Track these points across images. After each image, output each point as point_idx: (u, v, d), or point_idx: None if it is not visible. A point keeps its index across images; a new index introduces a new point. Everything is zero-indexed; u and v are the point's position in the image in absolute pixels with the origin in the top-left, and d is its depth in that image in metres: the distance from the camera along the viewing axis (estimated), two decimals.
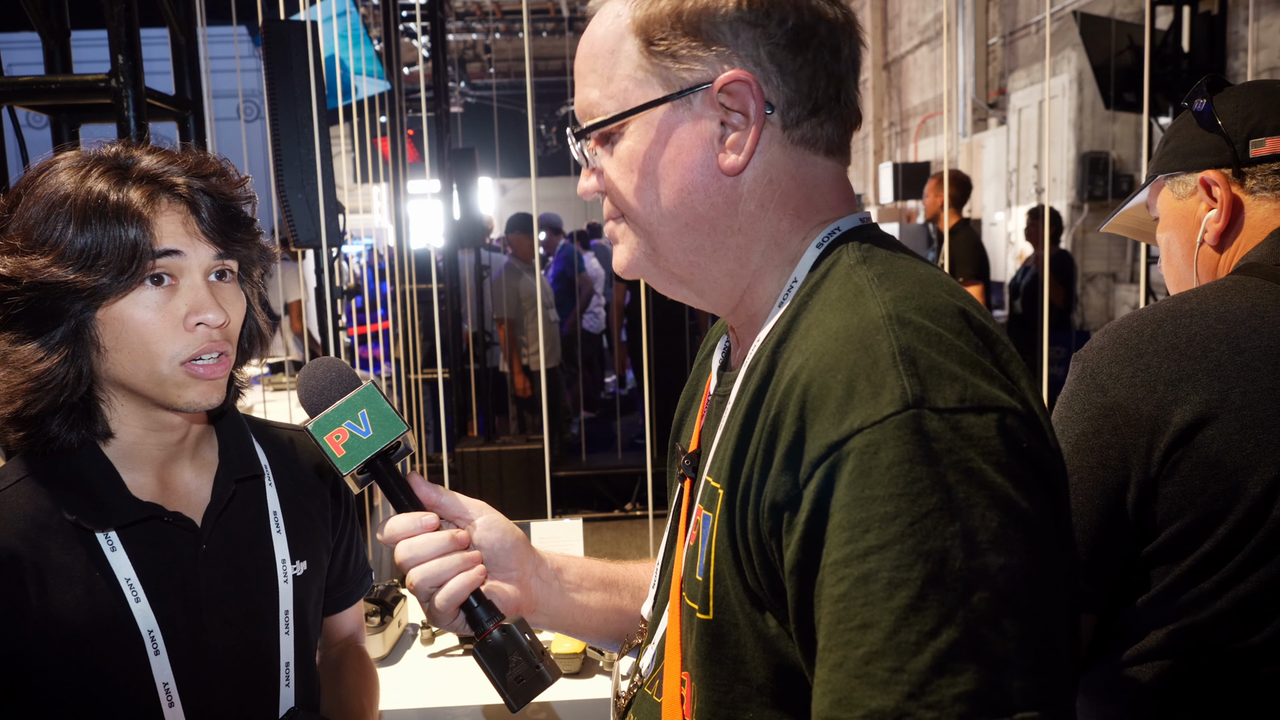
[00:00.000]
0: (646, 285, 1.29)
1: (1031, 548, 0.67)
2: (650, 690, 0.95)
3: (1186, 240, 1.33)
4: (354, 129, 4.96)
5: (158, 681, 1.12)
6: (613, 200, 0.91)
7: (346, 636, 1.46)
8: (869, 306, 0.76)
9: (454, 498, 1.03)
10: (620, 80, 0.86)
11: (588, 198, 0.95)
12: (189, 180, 1.11)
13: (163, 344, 1.08)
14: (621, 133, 0.87)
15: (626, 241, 0.91)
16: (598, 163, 0.91)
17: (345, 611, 1.44)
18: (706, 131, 0.85)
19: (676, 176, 0.85)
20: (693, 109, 0.85)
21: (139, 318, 1.07)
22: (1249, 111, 1.27)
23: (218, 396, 1.14)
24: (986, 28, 11.52)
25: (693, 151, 0.85)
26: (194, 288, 1.10)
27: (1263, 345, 1.11)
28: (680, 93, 0.84)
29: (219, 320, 1.10)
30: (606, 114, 0.87)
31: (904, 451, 0.67)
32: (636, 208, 0.88)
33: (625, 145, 0.87)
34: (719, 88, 0.83)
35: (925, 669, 0.63)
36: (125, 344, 1.08)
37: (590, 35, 0.90)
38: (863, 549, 0.66)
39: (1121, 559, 1.15)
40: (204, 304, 1.09)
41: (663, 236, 0.88)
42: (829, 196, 0.89)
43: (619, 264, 0.93)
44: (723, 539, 0.81)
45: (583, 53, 0.90)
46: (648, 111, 0.85)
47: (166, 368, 1.09)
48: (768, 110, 0.84)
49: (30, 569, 1.09)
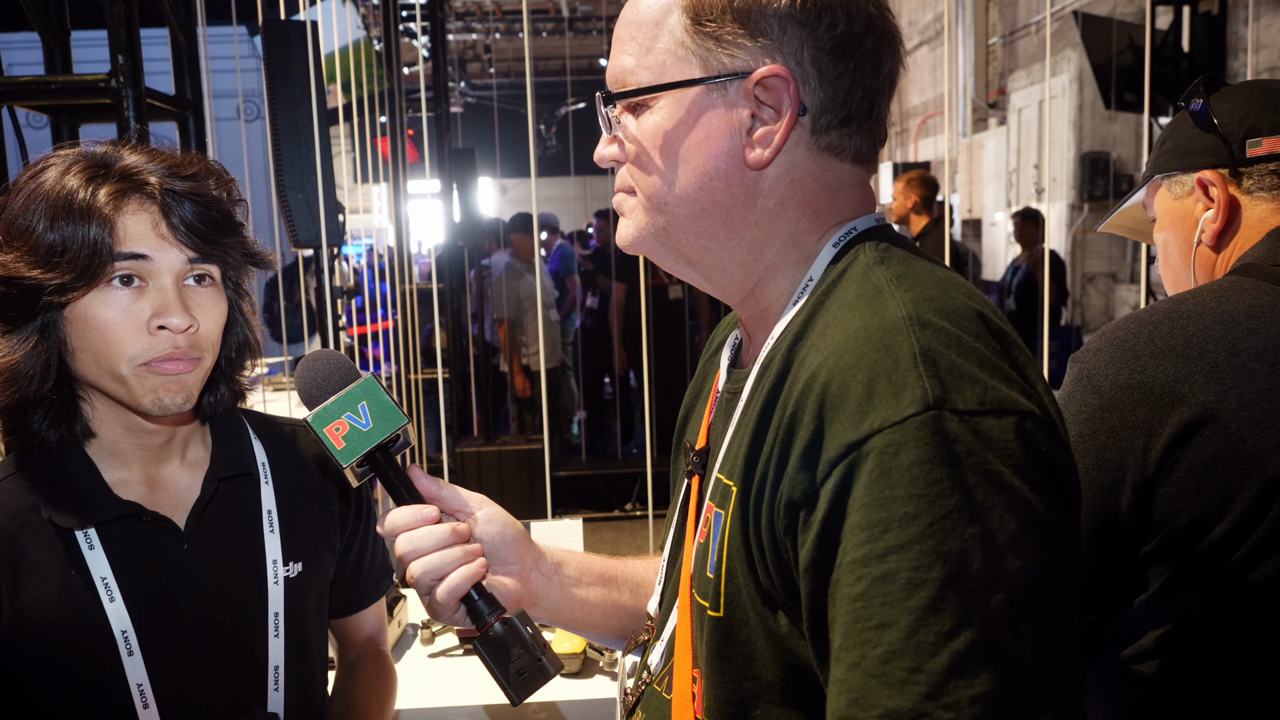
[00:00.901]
0: (646, 285, 1.28)
1: (1047, 551, 0.67)
2: (660, 687, 0.95)
3: (1184, 240, 1.33)
4: (354, 129, 4.96)
5: (131, 683, 1.10)
6: (630, 172, 0.89)
7: (366, 638, 1.43)
8: (888, 307, 0.76)
9: (454, 491, 1.03)
10: (659, 53, 0.85)
11: (604, 164, 0.93)
12: (162, 180, 1.08)
13: (123, 345, 1.06)
14: (651, 106, 0.86)
15: (635, 216, 0.90)
16: (620, 132, 0.90)
17: (362, 613, 1.41)
18: (736, 121, 0.84)
19: (700, 161, 0.85)
20: (727, 96, 0.84)
21: (102, 317, 1.06)
22: (1246, 111, 1.27)
23: (183, 398, 1.10)
24: (986, 28, 11.52)
25: (720, 139, 0.84)
26: (161, 290, 1.07)
27: (1259, 346, 1.11)
28: (718, 77, 0.83)
29: (183, 325, 1.07)
30: (640, 84, 0.86)
31: (925, 453, 0.67)
32: (654, 184, 0.87)
33: (653, 120, 0.86)
34: (757, 80, 0.82)
35: (943, 670, 0.63)
36: (89, 343, 1.07)
37: (637, 1, 0.88)
38: (882, 549, 0.66)
39: (1119, 559, 1.15)
40: (168, 307, 1.07)
41: (676, 218, 0.87)
42: (851, 200, 0.88)
43: (623, 237, 0.92)
44: (735, 536, 0.81)
45: (626, 18, 0.89)
46: (681, 90, 0.84)
47: (126, 368, 1.07)
48: (800, 112, 0.83)
49: (6, 567, 1.09)
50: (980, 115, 11.65)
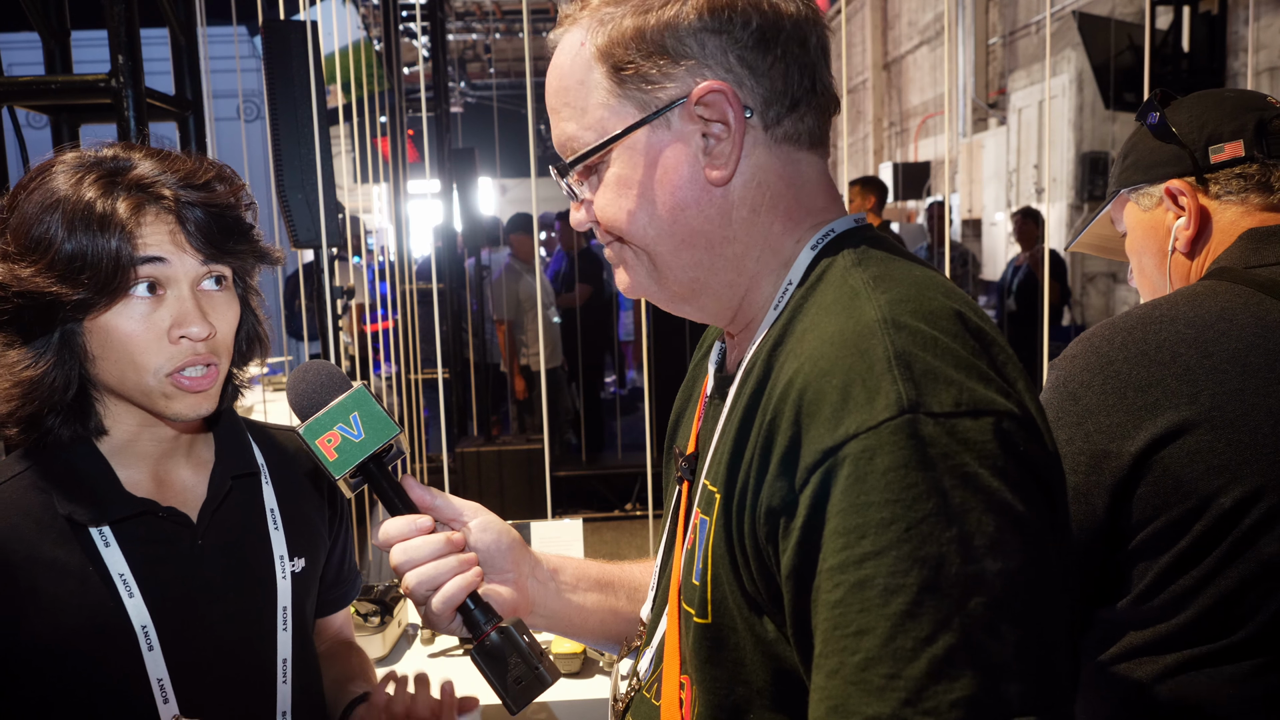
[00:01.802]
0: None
1: (1028, 552, 0.67)
2: (649, 693, 0.95)
3: (1158, 250, 1.34)
4: (354, 129, 4.96)
5: (151, 677, 1.11)
6: (607, 228, 0.90)
7: (335, 633, 1.48)
8: (864, 310, 0.75)
9: (448, 500, 1.03)
10: (595, 110, 0.85)
11: (581, 229, 0.94)
12: (178, 191, 1.09)
13: (147, 356, 1.07)
14: (606, 161, 0.87)
15: (627, 263, 0.91)
16: (585, 194, 0.90)
17: (338, 613, 1.45)
18: (690, 146, 0.84)
19: (667, 195, 0.85)
20: (672, 127, 0.84)
21: (124, 329, 1.07)
22: (1204, 120, 1.28)
23: (208, 407, 1.13)
24: (986, 28, 11.52)
25: (679, 168, 0.85)
26: (180, 299, 1.09)
27: (1231, 349, 1.12)
28: (657, 113, 0.84)
29: (203, 334, 1.09)
30: (587, 145, 0.86)
31: (899, 457, 0.67)
32: (632, 231, 0.87)
33: (612, 173, 0.87)
34: (695, 101, 0.82)
35: (922, 675, 0.63)
36: (111, 354, 1.08)
37: (557, 68, 0.89)
38: (858, 555, 0.66)
39: (1100, 562, 1.17)
40: (188, 317, 1.08)
41: (661, 256, 0.88)
42: (817, 196, 0.89)
43: (623, 286, 0.93)
44: (720, 543, 0.81)
45: (552, 87, 0.89)
46: (628, 136, 0.85)
47: (152, 380, 1.08)
48: (747, 114, 0.84)
49: (22, 564, 1.09)
50: (980, 115, 11.66)
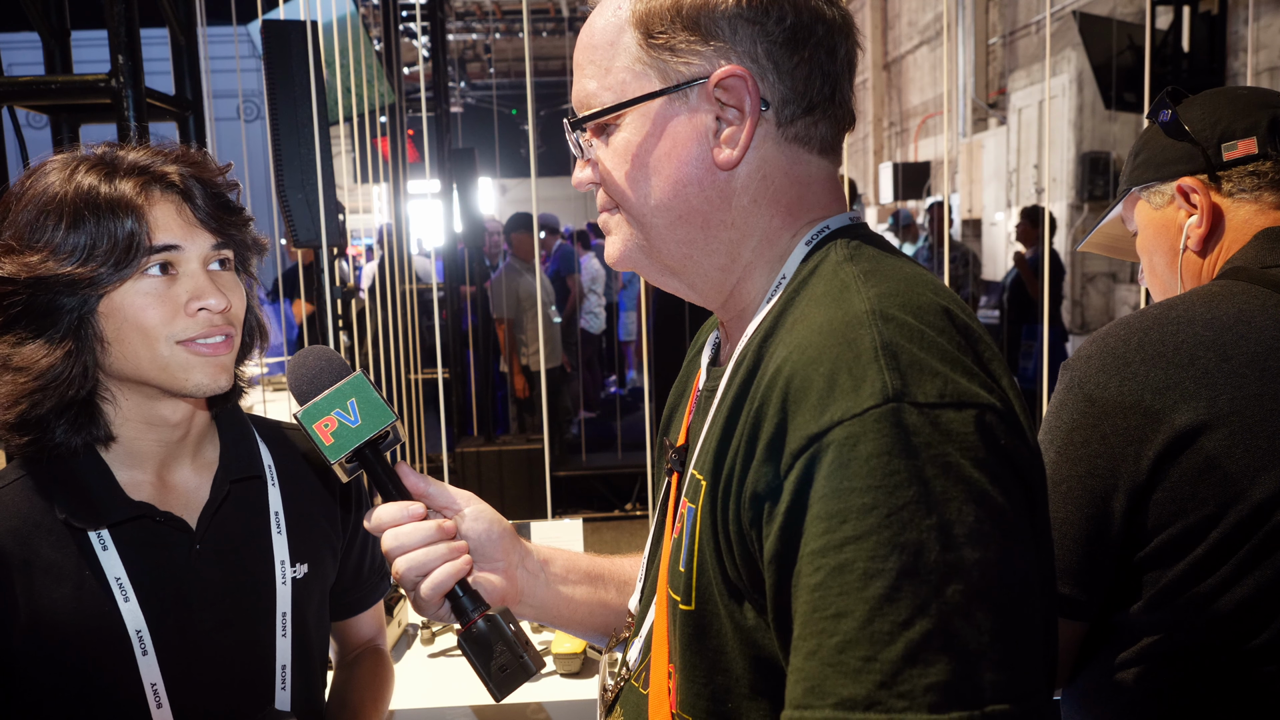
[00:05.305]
0: (648, 285, 1.29)
1: (1006, 543, 0.68)
2: (637, 683, 0.96)
3: (1169, 249, 1.33)
4: (354, 129, 4.97)
5: (145, 682, 1.11)
6: (607, 191, 0.91)
7: (365, 640, 1.45)
8: (853, 302, 0.76)
9: (442, 488, 1.04)
10: (618, 72, 0.87)
11: (582, 188, 0.95)
12: (180, 169, 1.11)
13: (161, 325, 1.08)
14: (618, 124, 0.88)
15: (620, 232, 0.92)
16: (593, 154, 0.91)
17: (362, 615, 1.43)
18: (702, 125, 0.85)
19: (671, 169, 0.86)
20: (689, 102, 0.85)
21: (138, 304, 1.08)
22: (1217, 117, 1.28)
23: (225, 379, 1.14)
24: (986, 28, 11.53)
25: (688, 145, 0.86)
26: (193, 275, 1.10)
27: (1250, 351, 1.12)
28: (677, 86, 0.85)
29: (221, 305, 1.11)
30: (603, 105, 0.88)
31: (883, 444, 0.68)
32: (631, 199, 0.89)
33: (621, 137, 0.88)
34: (715, 82, 0.84)
35: (897, 658, 0.64)
36: (126, 333, 1.08)
37: (590, 26, 0.90)
38: (839, 539, 0.67)
39: (1113, 566, 1.16)
40: (205, 289, 1.10)
41: (656, 229, 0.89)
42: (820, 195, 0.90)
43: (611, 255, 0.94)
44: (705, 530, 0.82)
45: (582, 43, 0.91)
46: (644, 104, 0.86)
47: (166, 348, 1.09)
48: (763, 107, 0.85)
49: (19, 567, 1.09)
50: (980, 115, 11.66)
